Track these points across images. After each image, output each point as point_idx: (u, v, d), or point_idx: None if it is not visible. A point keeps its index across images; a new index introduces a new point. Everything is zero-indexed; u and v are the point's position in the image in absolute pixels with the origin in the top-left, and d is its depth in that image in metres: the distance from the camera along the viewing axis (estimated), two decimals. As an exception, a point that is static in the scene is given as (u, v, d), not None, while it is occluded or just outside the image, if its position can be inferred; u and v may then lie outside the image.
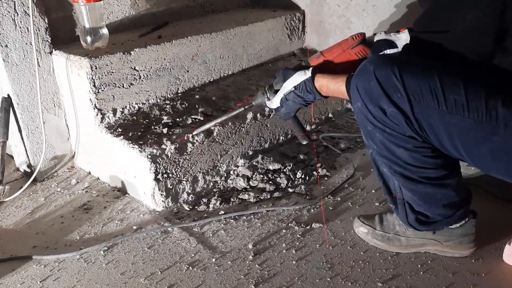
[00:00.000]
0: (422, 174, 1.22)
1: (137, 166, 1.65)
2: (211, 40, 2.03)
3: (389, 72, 1.10)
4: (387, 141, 1.19)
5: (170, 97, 1.95)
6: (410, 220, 1.34)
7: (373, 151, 1.28)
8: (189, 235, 1.53)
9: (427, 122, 1.11)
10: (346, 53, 1.41)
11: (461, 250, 1.38)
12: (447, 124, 1.09)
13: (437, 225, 1.35)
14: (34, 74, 1.75)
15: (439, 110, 1.08)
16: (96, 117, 1.75)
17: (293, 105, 1.41)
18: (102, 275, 1.38)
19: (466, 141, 1.10)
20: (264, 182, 1.77)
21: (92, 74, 1.69)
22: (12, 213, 1.69)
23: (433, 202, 1.28)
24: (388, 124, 1.16)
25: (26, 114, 1.78)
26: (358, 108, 1.20)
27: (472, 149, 1.11)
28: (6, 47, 1.66)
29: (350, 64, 1.40)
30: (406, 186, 1.27)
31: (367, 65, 1.16)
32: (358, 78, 1.17)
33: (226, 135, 1.79)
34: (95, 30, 1.75)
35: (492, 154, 1.09)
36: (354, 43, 1.40)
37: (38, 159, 1.84)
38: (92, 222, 1.62)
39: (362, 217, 1.50)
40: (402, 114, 1.12)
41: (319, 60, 1.43)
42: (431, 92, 1.08)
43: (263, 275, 1.35)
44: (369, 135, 1.23)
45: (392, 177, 1.30)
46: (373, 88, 1.13)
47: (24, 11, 1.67)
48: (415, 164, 1.20)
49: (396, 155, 1.20)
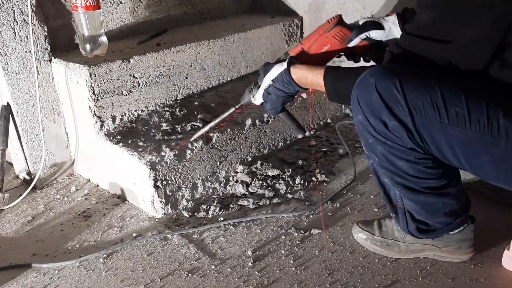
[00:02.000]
0: (423, 185, 1.22)
1: (137, 173, 1.65)
2: (210, 47, 2.04)
3: (391, 85, 1.10)
4: (389, 154, 1.18)
5: (169, 104, 1.96)
6: (411, 229, 1.35)
7: (374, 162, 1.27)
8: (188, 242, 1.54)
9: (429, 134, 1.11)
10: (323, 37, 1.39)
11: (460, 255, 1.38)
12: (448, 136, 1.09)
13: (437, 232, 1.35)
14: (33, 82, 1.76)
15: (440, 123, 1.08)
16: (95, 124, 1.76)
17: (276, 99, 1.41)
18: (101, 283, 1.38)
19: (468, 152, 1.10)
20: (263, 188, 1.77)
21: (91, 81, 1.70)
22: (11, 220, 1.69)
23: (434, 211, 1.28)
24: (390, 137, 1.15)
25: (25, 121, 1.78)
26: (359, 121, 1.19)
27: (473, 159, 1.11)
28: (6, 56, 1.67)
29: (329, 52, 1.38)
30: (408, 197, 1.27)
31: (368, 77, 1.14)
32: (359, 90, 1.16)
33: (225, 142, 1.79)
34: (94, 38, 1.76)
35: (493, 164, 1.10)
36: (330, 25, 1.39)
37: (38, 167, 1.84)
38: (92, 230, 1.62)
39: (360, 223, 1.50)
40: (403, 127, 1.11)
41: (297, 49, 1.41)
42: (432, 104, 1.07)
43: (263, 282, 1.36)
44: (370, 147, 1.22)
45: (393, 188, 1.30)
46: (374, 101, 1.12)
47: (23, 20, 1.68)
48: (416, 175, 1.20)
49: (398, 167, 1.20)
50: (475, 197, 1.63)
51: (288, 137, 2.05)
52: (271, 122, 1.94)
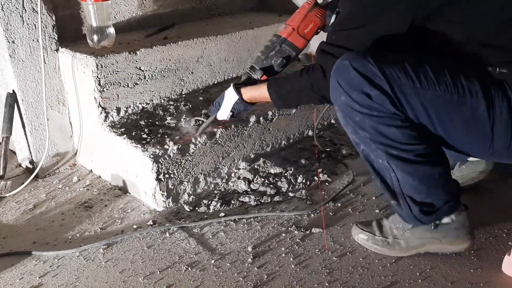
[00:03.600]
0: (416, 152, 1.27)
1: (139, 166, 1.65)
2: (217, 42, 2.04)
3: (364, 61, 1.22)
4: (377, 124, 1.25)
5: (174, 98, 1.96)
6: (415, 213, 1.34)
7: (365, 147, 1.31)
8: (188, 235, 1.54)
9: (406, 100, 1.21)
10: (308, 17, 1.56)
11: (460, 244, 1.38)
12: (422, 99, 1.21)
13: (439, 213, 1.35)
14: (39, 70, 1.76)
15: (413, 87, 1.20)
16: (100, 115, 1.76)
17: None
18: (101, 273, 1.38)
19: (441, 113, 1.22)
20: (265, 186, 1.77)
21: (98, 72, 1.70)
22: (12, 208, 1.69)
23: (432, 184, 1.31)
24: (375, 108, 1.23)
25: (30, 110, 1.78)
26: (343, 102, 1.27)
27: (447, 122, 1.23)
28: (13, 43, 1.67)
29: (313, 29, 1.57)
30: (405, 170, 1.29)
31: (341, 61, 1.25)
32: (337, 74, 1.26)
33: (228, 138, 1.79)
34: (102, 29, 1.76)
35: (464, 126, 1.22)
36: (310, 6, 1.56)
37: (41, 156, 1.84)
38: (92, 220, 1.62)
39: (360, 224, 1.50)
40: (384, 94, 1.21)
41: (288, 30, 1.57)
42: (404, 72, 1.20)
43: (262, 278, 1.36)
44: (359, 126, 1.27)
45: (388, 170, 1.31)
46: (353, 78, 1.23)
47: (32, 8, 1.68)
48: (407, 142, 1.26)
49: (389, 136, 1.25)
50: (475, 201, 1.63)
51: (292, 136, 2.05)
52: (275, 120, 1.94)
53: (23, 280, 1.36)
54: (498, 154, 1.27)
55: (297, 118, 2.04)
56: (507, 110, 1.19)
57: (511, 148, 1.23)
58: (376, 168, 1.33)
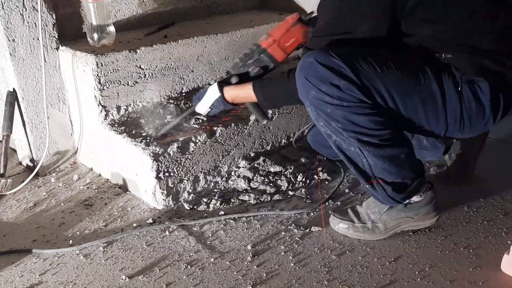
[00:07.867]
0: (383, 137, 1.37)
1: (139, 164, 1.66)
2: (217, 41, 2.04)
3: (328, 55, 1.32)
4: (348, 114, 1.33)
5: (174, 97, 1.96)
6: (389, 192, 1.43)
7: (337, 138, 1.38)
8: (188, 234, 1.54)
9: (372, 85, 1.32)
10: (291, 32, 1.59)
11: (429, 220, 1.51)
12: (384, 82, 1.32)
13: (410, 191, 1.45)
14: (40, 69, 1.76)
15: (376, 74, 1.32)
16: (100, 113, 1.77)
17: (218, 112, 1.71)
18: (101, 271, 1.39)
19: (401, 92, 1.34)
20: (264, 184, 1.77)
21: (98, 71, 1.70)
22: (13, 206, 1.70)
23: (400, 164, 1.41)
24: (344, 98, 1.31)
25: (30, 108, 1.79)
26: (314, 96, 1.34)
27: (407, 100, 1.35)
28: (13, 41, 1.67)
29: (293, 44, 1.60)
30: (376, 155, 1.38)
31: (306, 59, 1.34)
32: (304, 70, 1.35)
33: (228, 136, 1.80)
34: (102, 27, 1.76)
35: (422, 102, 1.35)
36: (294, 21, 1.60)
37: (41, 154, 1.85)
38: (92, 218, 1.63)
39: (337, 213, 1.56)
40: (352, 84, 1.31)
41: (269, 41, 1.59)
42: (366, 62, 1.32)
43: (261, 276, 1.36)
44: (330, 117, 1.35)
45: (359, 157, 1.39)
46: (320, 72, 1.31)
47: (32, 6, 1.68)
48: (375, 128, 1.35)
49: (360, 124, 1.34)
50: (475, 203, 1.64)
51: (292, 135, 2.05)
52: (275, 119, 1.94)
53: (23, 278, 1.36)
54: (451, 129, 1.40)
55: (297, 116, 2.04)
56: (453, 84, 1.35)
57: (462, 122, 1.38)
58: (349, 156, 1.41)
